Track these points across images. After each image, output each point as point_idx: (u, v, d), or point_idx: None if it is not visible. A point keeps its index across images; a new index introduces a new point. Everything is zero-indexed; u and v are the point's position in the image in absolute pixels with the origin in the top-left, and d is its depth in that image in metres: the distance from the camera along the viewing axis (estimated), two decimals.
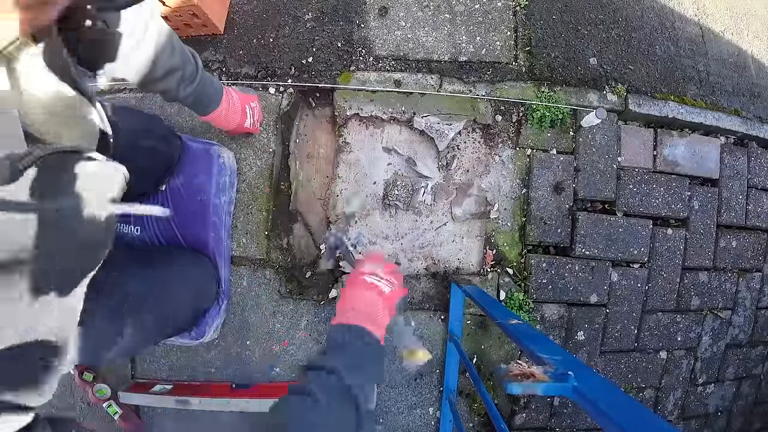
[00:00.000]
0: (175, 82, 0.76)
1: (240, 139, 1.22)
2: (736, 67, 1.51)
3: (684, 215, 1.34)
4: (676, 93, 1.38)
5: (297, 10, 1.30)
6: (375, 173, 1.25)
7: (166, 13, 1.15)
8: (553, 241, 1.25)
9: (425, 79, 1.24)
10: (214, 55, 1.31)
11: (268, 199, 1.21)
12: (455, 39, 1.29)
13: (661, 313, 1.34)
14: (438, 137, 1.22)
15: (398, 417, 1.23)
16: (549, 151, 1.26)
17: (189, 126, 1.25)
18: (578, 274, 1.25)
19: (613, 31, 1.37)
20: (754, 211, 1.41)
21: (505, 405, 1.25)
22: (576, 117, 1.27)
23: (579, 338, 1.27)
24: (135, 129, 0.88)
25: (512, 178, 1.26)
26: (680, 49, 1.43)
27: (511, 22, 1.31)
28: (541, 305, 1.24)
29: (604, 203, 1.30)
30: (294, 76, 1.27)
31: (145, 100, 1.30)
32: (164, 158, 1.02)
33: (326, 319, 1.21)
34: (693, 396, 1.41)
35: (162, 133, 0.99)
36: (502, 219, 1.25)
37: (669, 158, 1.33)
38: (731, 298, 1.41)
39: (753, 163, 1.42)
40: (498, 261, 1.24)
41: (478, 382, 0.87)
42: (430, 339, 1.22)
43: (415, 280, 1.23)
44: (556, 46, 1.32)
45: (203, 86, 0.83)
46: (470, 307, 1.20)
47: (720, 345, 1.42)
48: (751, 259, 1.43)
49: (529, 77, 1.29)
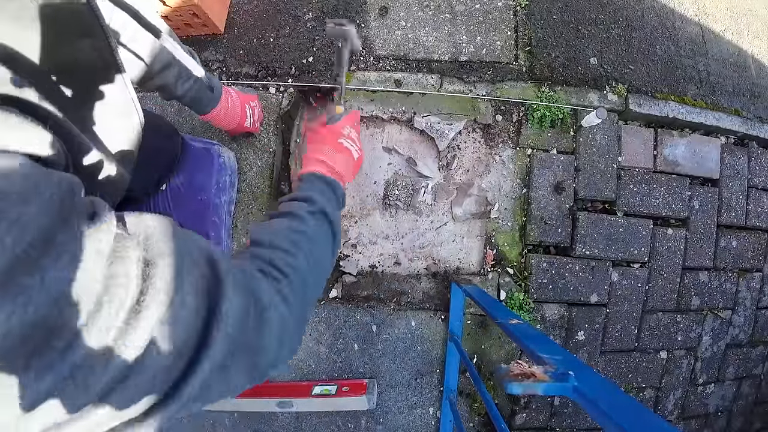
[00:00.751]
0: (173, 77, 0.76)
1: (240, 139, 1.22)
2: (736, 67, 1.51)
3: (684, 215, 1.34)
4: (676, 93, 1.38)
5: (297, 10, 1.30)
6: (375, 173, 1.25)
7: (167, 13, 1.15)
8: (553, 241, 1.25)
9: (425, 78, 1.24)
10: (214, 54, 1.31)
11: (268, 199, 1.21)
12: (456, 39, 1.29)
13: (661, 312, 1.34)
14: (438, 137, 1.22)
15: (398, 417, 1.23)
16: (549, 150, 1.26)
17: (189, 126, 1.25)
18: (578, 273, 1.25)
19: (614, 31, 1.37)
20: (754, 211, 1.41)
21: (505, 405, 1.25)
22: (576, 117, 1.27)
23: (579, 338, 1.27)
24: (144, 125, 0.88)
25: (512, 177, 1.26)
26: (681, 49, 1.43)
27: (512, 21, 1.31)
28: (542, 305, 1.24)
29: (604, 203, 1.30)
30: (294, 75, 1.27)
31: (145, 100, 1.30)
32: (168, 156, 1.02)
33: (326, 319, 1.21)
34: (693, 396, 1.41)
35: (167, 131, 1.00)
36: (503, 219, 1.25)
37: (669, 158, 1.33)
38: (731, 298, 1.41)
39: (753, 163, 1.42)
40: (498, 261, 1.24)
41: (478, 382, 0.87)
42: (430, 339, 1.22)
43: (415, 280, 1.23)
44: (556, 46, 1.32)
45: (201, 83, 0.83)
46: (470, 306, 1.20)
47: (720, 345, 1.42)
48: (752, 259, 1.43)
49: (529, 77, 1.29)
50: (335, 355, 1.22)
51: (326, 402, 1.13)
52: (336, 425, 1.23)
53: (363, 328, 1.22)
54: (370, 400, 1.13)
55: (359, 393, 1.12)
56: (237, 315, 0.35)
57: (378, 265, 1.24)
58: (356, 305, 1.22)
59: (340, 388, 1.15)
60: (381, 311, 1.22)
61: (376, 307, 1.22)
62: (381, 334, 1.22)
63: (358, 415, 1.21)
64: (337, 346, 1.22)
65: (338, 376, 1.22)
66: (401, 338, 1.22)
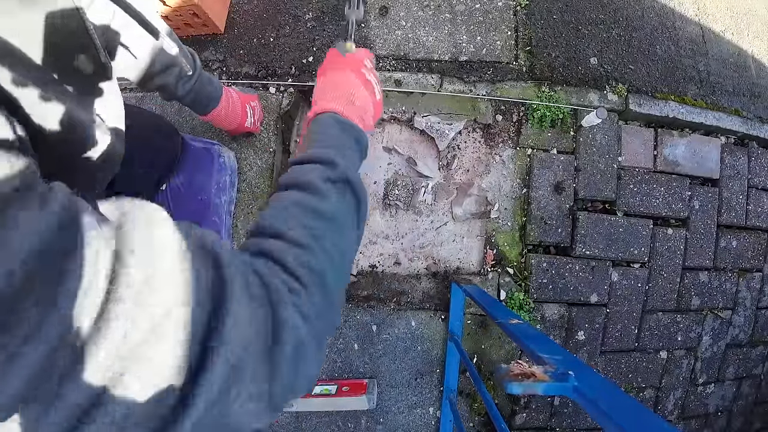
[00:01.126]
0: (174, 77, 0.76)
1: (241, 138, 1.22)
2: (736, 67, 1.51)
3: (684, 215, 1.33)
4: (676, 93, 1.38)
5: (297, 10, 1.30)
6: (375, 173, 1.25)
7: (167, 13, 1.15)
8: (553, 241, 1.25)
9: (426, 78, 1.24)
10: (214, 54, 1.31)
11: (268, 198, 1.22)
12: (456, 39, 1.29)
13: (661, 312, 1.34)
14: (438, 137, 1.22)
15: (398, 416, 1.23)
16: (549, 150, 1.26)
17: (189, 126, 1.25)
18: (578, 273, 1.25)
19: (614, 31, 1.37)
20: (754, 211, 1.41)
21: (505, 405, 1.25)
22: (576, 117, 1.27)
23: (579, 338, 1.27)
24: (144, 125, 0.89)
25: (513, 177, 1.26)
26: (681, 49, 1.43)
27: (512, 21, 1.31)
28: (542, 305, 1.24)
29: (604, 203, 1.30)
30: (295, 75, 1.27)
31: (145, 100, 1.30)
32: (168, 156, 1.02)
33: None
34: (693, 396, 1.41)
35: (167, 131, 1.00)
36: (503, 219, 1.25)
37: (669, 158, 1.33)
38: (731, 298, 1.41)
39: (753, 163, 1.42)
40: (498, 261, 1.24)
41: (478, 382, 0.87)
42: (430, 339, 1.22)
43: (415, 280, 1.23)
44: (556, 46, 1.32)
45: (202, 84, 0.83)
46: (470, 306, 1.20)
47: (720, 345, 1.42)
48: (752, 259, 1.43)
49: (529, 77, 1.29)
50: (335, 355, 1.22)
51: (326, 402, 1.13)
52: (336, 425, 1.23)
53: (363, 327, 1.22)
54: (370, 400, 1.13)
55: (359, 393, 1.12)
56: (244, 335, 0.28)
57: (378, 265, 1.24)
58: (356, 305, 1.22)
59: (340, 387, 1.15)
60: (381, 311, 1.22)
61: (376, 307, 1.22)
62: (381, 334, 1.22)
63: (358, 414, 1.21)
64: (337, 346, 1.22)
65: (338, 376, 1.22)
66: (401, 338, 1.22)
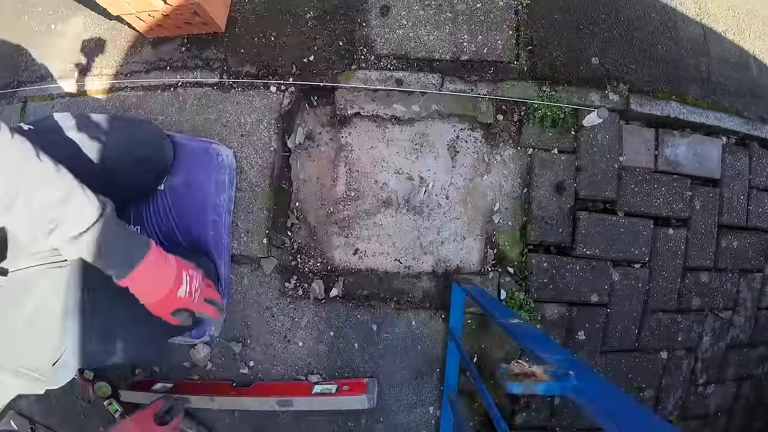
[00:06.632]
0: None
1: (241, 137, 1.22)
2: (737, 67, 1.50)
3: (685, 215, 1.33)
4: (677, 93, 1.38)
5: (298, 9, 1.30)
6: (375, 173, 1.25)
7: (168, 12, 1.15)
8: (554, 241, 1.25)
9: (427, 78, 1.24)
10: (215, 53, 1.31)
11: (268, 197, 1.22)
12: (457, 38, 1.29)
13: (661, 313, 1.34)
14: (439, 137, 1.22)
15: (398, 416, 1.23)
16: (550, 150, 1.26)
17: (190, 125, 1.25)
18: (579, 273, 1.25)
19: (615, 31, 1.37)
20: (755, 212, 1.41)
21: (505, 405, 1.25)
22: (577, 116, 1.27)
23: (579, 338, 1.27)
24: (127, 143, 0.88)
25: (513, 177, 1.25)
26: (682, 48, 1.43)
27: (513, 21, 1.31)
28: (542, 305, 1.24)
29: (605, 203, 1.30)
30: (295, 74, 1.27)
31: (145, 99, 1.30)
32: (157, 168, 0.99)
33: (327, 318, 1.22)
34: (693, 396, 1.41)
35: (156, 144, 0.96)
36: (503, 218, 1.25)
37: (670, 158, 1.33)
38: (732, 299, 1.41)
39: (754, 164, 1.42)
40: (499, 260, 1.24)
41: (478, 382, 0.87)
42: (430, 338, 1.22)
43: (415, 279, 1.23)
44: (557, 46, 1.31)
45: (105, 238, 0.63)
46: (471, 306, 1.20)
47: (720, 345, 1.42)
48: (752, 259, 1.42)
49: (530, 76, 1.29)
50: (335, 354, 1.22)
51: (326, 401, 1.13)
52: (336, 424, 1.23)
53: (363, 327, 1.22)
54: (371, 399, 1.13)
55: (359, 392, 1.12)
56: None
57: (378, 265, 1.24)
58: (356, 304, 1.22)
59: (340, 387, 1.15)
60: (381, 310, 1.22)
61: (376, 307, 1.22)
62: (381, 333, 1.22)
63: (359, 414, 1.22)
64: (338, 345, 1.22)
65: (338, 375, 1.22)
66: (401, 337, 1.22)
